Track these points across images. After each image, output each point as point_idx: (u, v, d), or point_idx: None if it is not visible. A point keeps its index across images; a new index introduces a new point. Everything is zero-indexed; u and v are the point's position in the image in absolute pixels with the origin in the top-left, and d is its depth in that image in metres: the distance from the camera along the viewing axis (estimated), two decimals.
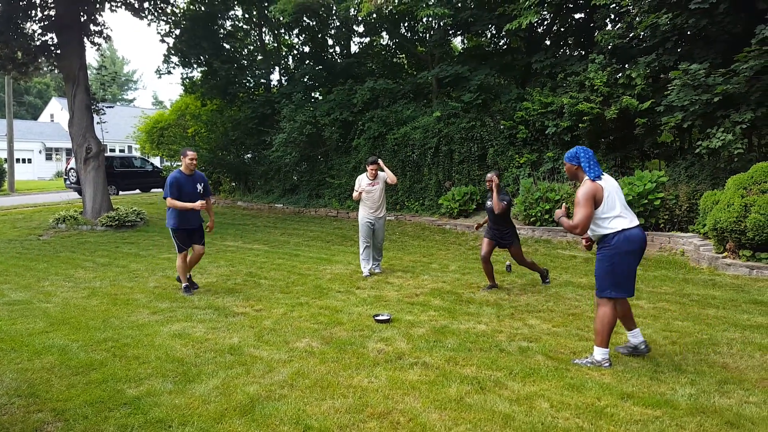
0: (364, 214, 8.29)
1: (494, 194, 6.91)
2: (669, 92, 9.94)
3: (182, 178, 6.87)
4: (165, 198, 6.83)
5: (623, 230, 4.29)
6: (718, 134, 9.19)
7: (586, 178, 4.39)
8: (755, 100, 9.07)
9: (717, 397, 3.82)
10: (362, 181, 8.29)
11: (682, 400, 3.76)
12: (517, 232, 7.36)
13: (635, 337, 4.64)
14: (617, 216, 4.31)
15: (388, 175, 8.28)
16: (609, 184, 4.37)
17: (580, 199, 4.30)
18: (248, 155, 21.13)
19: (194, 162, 6.93)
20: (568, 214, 4.56)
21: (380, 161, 8.33)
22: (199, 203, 6.77)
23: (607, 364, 4.35)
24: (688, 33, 10.81)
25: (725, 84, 9.02)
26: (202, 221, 7.21)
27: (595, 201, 4.29)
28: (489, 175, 7.03)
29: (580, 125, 11.71)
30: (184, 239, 7.00)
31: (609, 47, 12.18)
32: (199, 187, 7.00)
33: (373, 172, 8.21)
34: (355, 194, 8.22)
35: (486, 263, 7.15)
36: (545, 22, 15.84)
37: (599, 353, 4.39)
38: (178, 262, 7.05)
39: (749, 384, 4.05)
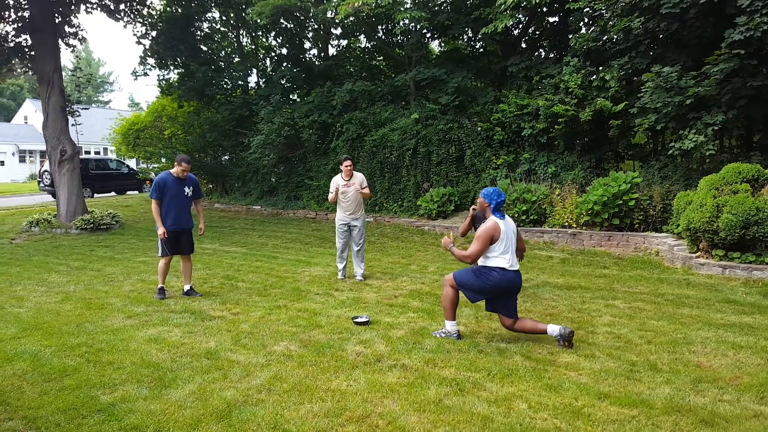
0: (340, 216, 8.14)
1: (466, 222, 6.28)
2: (642, 94, 10.09)
3: (170, 180, 6.89)
4: (151, 198, 6.91)
5: (502, 268, 4.91)
6: (690, 136, 9.34)
7: (492, 216, 5.01)
8: (726, 102, 9.23)
9: (692, 395, 3.88)
10: (338, 181, 8.07)
11: (658, 400, 3.81)
12: None
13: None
14: (500, 256, 4.92)
15: (364, 191, 8.02)
16: (507, 227, 4.99)
17: (480, 234, 4.93)
18: (225, 157, 21.04)
19: (185, 173, 6.97)
20: (455, 243, 5.27)
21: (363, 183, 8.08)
22: (161, 231, 6.79)
23: (455, 335, 5.14)
24: (660, 36, 10.97)
25: (697, 86, 9.17)
26: (191, 225, 7.15)
27: (492, 239, 4.89)
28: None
29: (555, 127, 11.85)
30: (171, 242, 6.92)
31: (583, 50, 12.33)
32: (188, 190, 7.01)
33: (348, 170, 7.96)
34: (330, 196, 8.05)
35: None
36: (520, 26, 15.98)
37: (449, 325, 5.18)
38: (160, 264, 7.00)
39: (723, 382, 4.12)
